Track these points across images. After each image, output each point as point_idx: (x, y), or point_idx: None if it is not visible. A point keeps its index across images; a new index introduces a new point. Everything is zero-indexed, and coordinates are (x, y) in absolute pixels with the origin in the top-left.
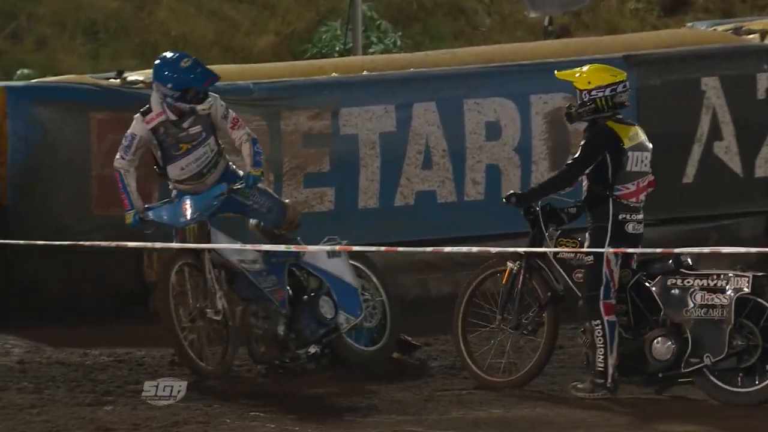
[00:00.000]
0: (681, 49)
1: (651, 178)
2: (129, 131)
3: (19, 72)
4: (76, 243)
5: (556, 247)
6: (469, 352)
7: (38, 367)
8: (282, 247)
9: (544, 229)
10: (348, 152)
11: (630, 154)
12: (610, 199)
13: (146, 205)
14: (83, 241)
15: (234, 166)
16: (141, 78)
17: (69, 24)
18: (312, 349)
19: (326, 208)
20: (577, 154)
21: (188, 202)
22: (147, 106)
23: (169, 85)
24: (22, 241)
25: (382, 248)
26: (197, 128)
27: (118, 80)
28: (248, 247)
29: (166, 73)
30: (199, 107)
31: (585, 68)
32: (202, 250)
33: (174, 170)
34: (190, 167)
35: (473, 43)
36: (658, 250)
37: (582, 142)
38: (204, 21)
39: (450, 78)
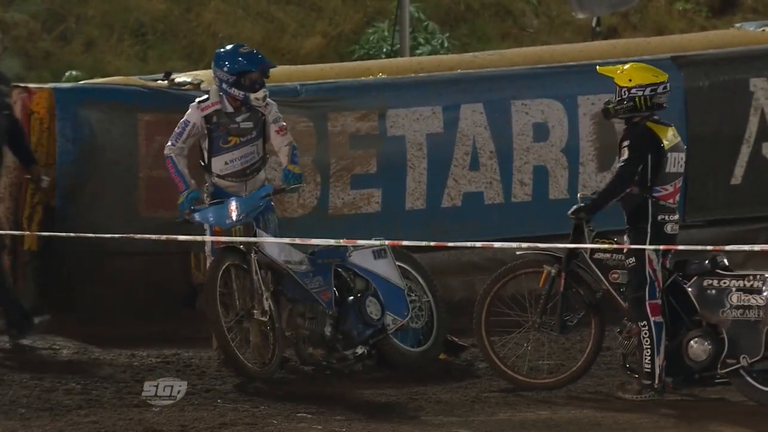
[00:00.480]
0: (729, 50)
1: None
2: (183, 119)
3: (67, 74)
4: (128, 235)
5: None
6: (497, 355)
7: (86, 368)
8: (331, 241)
9: (584, 230)
10: (395, 153)
11: (669, 155)
12: (649, 201)
13: (192, 207)
14: (132, 242)
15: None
16: (189, 79)
17: (117, 26)
18: (359, 350)
19: (373, 209)
20: (625, 156)
21: (234, 203)
22: (206, 96)
23: (225, 69)
24: (72, 234)
25: (432, 243)
26: (249, 124)
27: (166, 82)
28: (297, 241)
29: (224, 58)
30: (252, 95)
31: (627, 66)
32: (249, 251)
33: (218, 163)
34: (235, 163)
35: (521, 44)
36: (709, 247)
37: (626, 144)
38: (251, 23)
39: (497, 79)
